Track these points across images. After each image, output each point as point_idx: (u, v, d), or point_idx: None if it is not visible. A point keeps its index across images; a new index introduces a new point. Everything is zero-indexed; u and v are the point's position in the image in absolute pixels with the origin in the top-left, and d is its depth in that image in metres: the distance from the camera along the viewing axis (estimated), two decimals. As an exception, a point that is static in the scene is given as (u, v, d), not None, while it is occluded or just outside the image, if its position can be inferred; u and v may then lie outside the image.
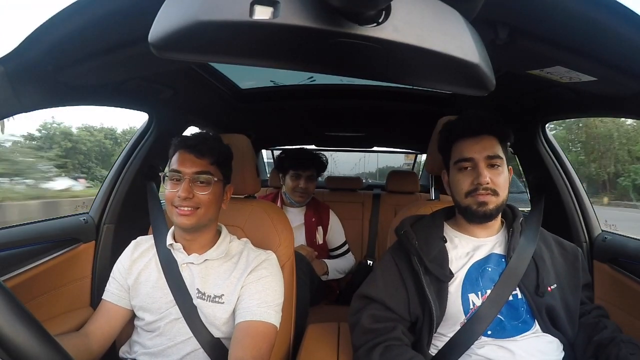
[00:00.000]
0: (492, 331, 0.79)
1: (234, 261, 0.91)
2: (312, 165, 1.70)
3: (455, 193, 0.85)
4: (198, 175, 0.85)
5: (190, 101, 1.32)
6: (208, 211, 0.87)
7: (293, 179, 1.68)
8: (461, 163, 0.83)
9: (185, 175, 0.84)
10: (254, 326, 0.82)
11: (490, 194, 0.80)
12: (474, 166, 0.81)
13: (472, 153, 0.81)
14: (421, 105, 1.54)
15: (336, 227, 1.79)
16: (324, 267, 1.62)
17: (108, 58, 0.71)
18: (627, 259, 1.00)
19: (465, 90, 0.41)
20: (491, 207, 0.80)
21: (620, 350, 0.72)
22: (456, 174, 0.84)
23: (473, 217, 0.83)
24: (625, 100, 0.80)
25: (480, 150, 0.81)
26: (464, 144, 0.83)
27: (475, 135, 0.82)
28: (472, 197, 0.81)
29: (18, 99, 0.68)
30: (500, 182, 0.80)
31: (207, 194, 0.85)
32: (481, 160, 0.80)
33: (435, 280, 0.81)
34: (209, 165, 0.87)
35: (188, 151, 0.86)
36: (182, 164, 0.85)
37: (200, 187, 0.85)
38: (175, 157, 0.87)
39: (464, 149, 0.83)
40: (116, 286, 0.93)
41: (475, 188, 0.80)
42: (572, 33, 0.59)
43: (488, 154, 0.80)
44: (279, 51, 0.36)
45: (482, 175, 0.79)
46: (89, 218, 1.19)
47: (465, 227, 0.89)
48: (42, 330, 0.40)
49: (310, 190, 1.71)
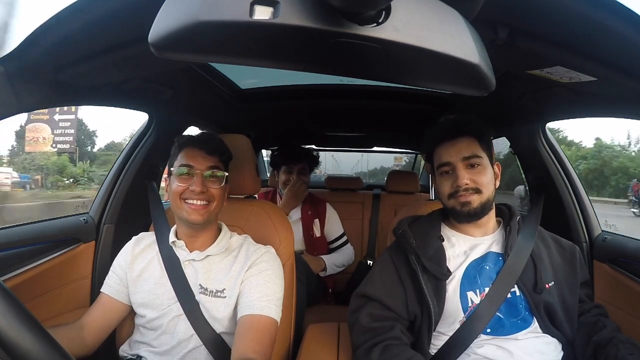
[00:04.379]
0: (491, 329, 0.79)
1: (234, 255, 0.92)
2: (303, 159, 1.74)
3: (441, 196, 0.88)
4: (211, 169, 0.87)
5: (190, 101, 1.32)
6: (217, 206, 0.89)
7: (286, 173, 1.72)
8: (442, 168, 0.86)
9: (198, 170, 0.86)
10: (256, 320, 0.83)
11: (472, 193, 0.82)
12: (453, 169, 0.84)
13: (449, 157, 0.84)
14: (421, 105, 1.54)
15: (333, 219, 1.80)
16: (321, 264, 1.62)
17: (108, 58, 0.71)
18: (627, 259, 1.01)
19: (465, 90, 0.41)
20: (475, 206, 0.82)
21: (619, 351, 0.72)
22: (439, 178, 0.87)
23: (460, 217, 0.86)
24: (625, 100, 0.80)
25: (456, 153, 0.83)
26: (442, 149, 0.86)
27: (451, 139, 0.85)
28: (455, 198, 0.83)
29: (18, 99, 0.68)
30: (481, 180, 0.82)
31: (218, 188, 0.88)
32: (458, 162, 0.83)
33: (432, 279, 0.82)
34: (219, 162, 0.90)
35: (198, 147, 0.88)
36: (193, 159, 0.87)
37: (212, 182, 0.87)
38: (184, 154, 0.88)
39: (442, 154, 0.86)
40: (115, 280, 0.93)
41: (456, 190, 0.83)
42: (572, 33, 0.59)
43: (464, 155, 0.83)
44: (279, 51, 0.36)
45: (460, 177, 0.82)
46: (89, 218, 1.19)
47: (460, 227, 0.90)
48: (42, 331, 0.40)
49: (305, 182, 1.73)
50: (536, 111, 1.13)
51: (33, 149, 16.46)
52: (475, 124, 0.86)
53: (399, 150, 3.50)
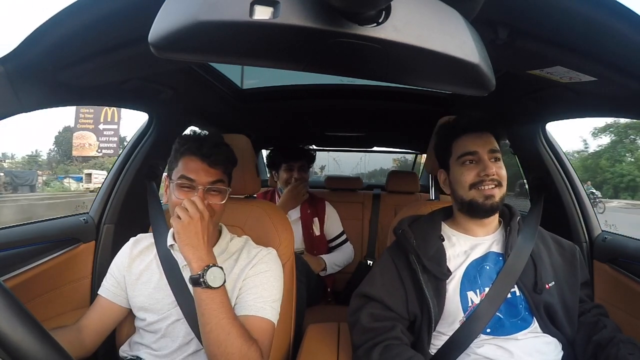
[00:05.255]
0: (491, 329, 0.79)
1: (234, 258, 0.91)
2: (302, 156, 1.76)
3: (459, 187, 0.86)
4: (213, 185, 0.84)
5: (190, 101, 1.32)
6: (217, 218, 0.86)
7: (287, 171, 1.72)
8: (465, 157, 0.85)
9: (199, 185, 0.83)
10: (251, 321, 0.82)
11: (496, 186, 0.82)
12: (478, 160, 0.84)
13: (476, 147, 0.84)
14: (421, 105, 1.54)
15: (333, 217, 1.80)
16: (321, 264, 1.62)
17: (108, 58, 0.71)
18: (627, 259, 1.00)
19: (465, 90, 0.41)
20: (497, 200, 0.82)
21: (619, 351, 0.72)
22: (459, 168, 0.86)
23: (478, 211, 0.84)
24: (625, 100, 0.80)
25: (483, 144, 0.84)
26: (467, 139, 0.86)
27: (476, 131, 0.86)
28: (478, 189, 0.82)
29: (18, 99, 0.68)
30: (502, 174, 0.83)
31: (220, 203, 0.85)
32: (485, 154, 0.83)
33: (433, 279, 0.82)
34: (222, 174, 0.86)
35: (201, 159, 0.84)
36: (195, 173, 0.83)
37: (213, 196, 0.84)
38: (186, 163, 0.84)
39: (467, 143, 0.85)
40: (112, 282, 0.93)
41: (482, 180, 0.82)
42: (572, 33, 0.59)
43: (491, 148, 0.84)
44: (279, 51, 0.36)
45: (489, 166, 0.82)
46: (89, 218, 1.19)
47: (463, 226, 0.90)
48: (42, 330, 0.40)
49: (305, 178, 1.75)
50: (536, 111, 1.13)
51: (80, 154, 17.51)
52: (497, 123, 0.88)
53: (399, 150, 3.49)
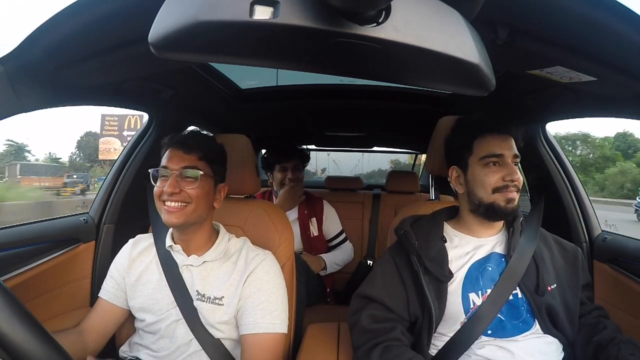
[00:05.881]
0: (492, 331, 0.79)
1: (232, 260, 0.91)
2: (295, 155, 1.74)
3: (479, 188, 0.83)
4: (185, 169, 0.84)
5: (190, 101, 1.32)
6: (197, 208, 0.84)
7: (281, 171, 1.71)
8: (490, 158, 0.82)
9: (172, 171, 0.83)
10: (262, 339, 0.83)
11: (517, 191, 0.81)
12: (502, 163, 0.82)
13: (502, 150, 0.82)
14: (421, 105, 1.54)
15: (332, 217, 1.79)
16: (321, 264, 1.61)
17: (108, 58, 0.71)
18: (627, 259, 1.00)
19: (465, 90, 0.41)
20: (516, 204, 0.82)
21: (619, 351, 0.72)
22: (482, 169, 0.83)
23: (497, 214, 0.82)
24: (625, 101, 0.80)
25: (509, 148, 0.83)
26: (493, 140, 0.83)
27: (502, 133, 0.84)
28: (502, 193, 0.81)
29: (18, 99, 0.68)
30: (522, 180, 0.83)
31: (194, 188, 0.83)
32: (510, 158, 0.82)
33: (434, 280, 0.81)
34: (197, 161, 0.86)
35: (176, 147, 0.85)
36: (169, 160, 0.84)
37: (187, 182, 0.84)
38: (165, 155, 0.86)
39: (492, 145, 0.83)
40: (113, 284, 0.93)
41: (506, 185, 0.81)
42: (572, 33, 0.59)
43: (515, 153, 0.83)
44: (279, 51, 0.36)
45: (514, 172, 0.81)
46: (89, 218, 1.19)
47: (467, 227, 0.89)
48: (42, 330, 0.40)
49: (300, 178, 1.74)
50: (536, 111, 1.13)
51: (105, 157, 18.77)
52: (519, 129, 0.87)
53: (399, 150, 3.49)
